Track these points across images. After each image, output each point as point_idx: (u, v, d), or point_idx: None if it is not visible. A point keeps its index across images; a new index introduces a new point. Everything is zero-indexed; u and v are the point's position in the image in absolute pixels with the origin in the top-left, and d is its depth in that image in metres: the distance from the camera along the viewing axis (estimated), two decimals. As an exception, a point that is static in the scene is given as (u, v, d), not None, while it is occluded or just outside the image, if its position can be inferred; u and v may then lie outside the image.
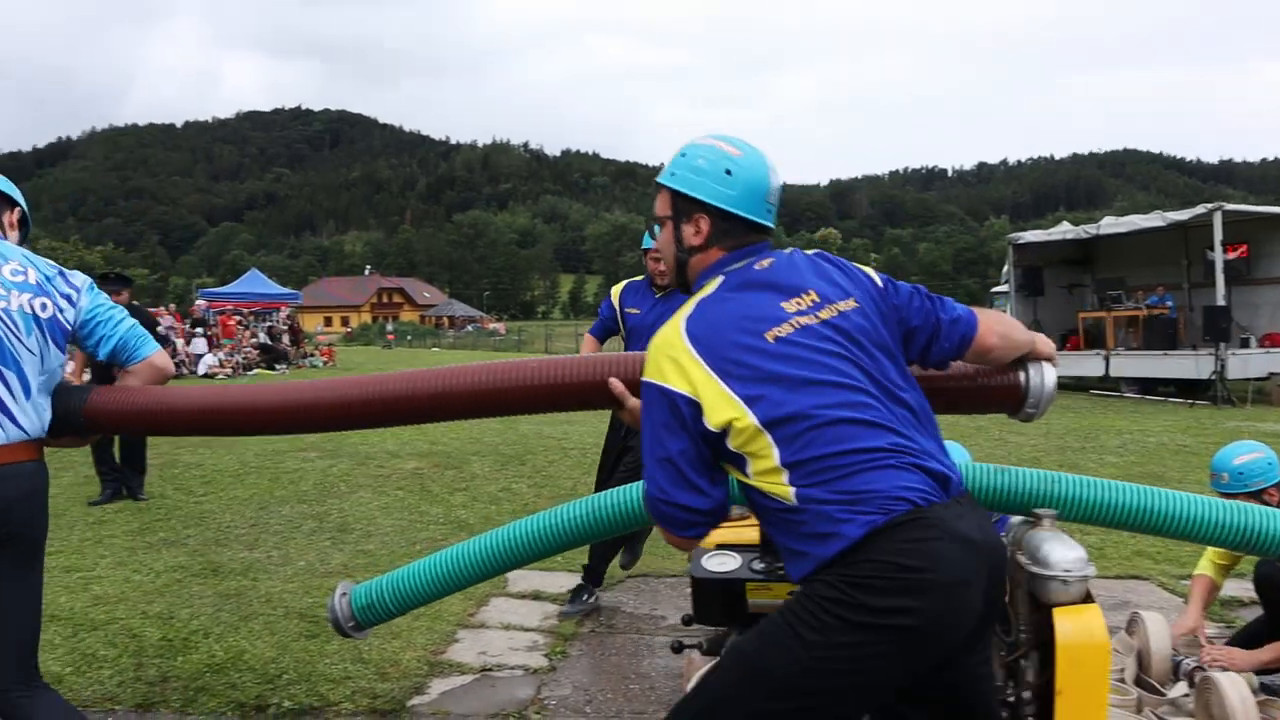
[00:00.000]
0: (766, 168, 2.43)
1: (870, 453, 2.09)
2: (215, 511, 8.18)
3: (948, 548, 2.03)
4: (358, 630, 3.29)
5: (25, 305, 2.86)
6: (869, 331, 2.28)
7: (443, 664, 4.75)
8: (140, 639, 5.00)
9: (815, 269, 2.38)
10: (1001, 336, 2.48)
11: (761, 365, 2.18)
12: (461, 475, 9.79)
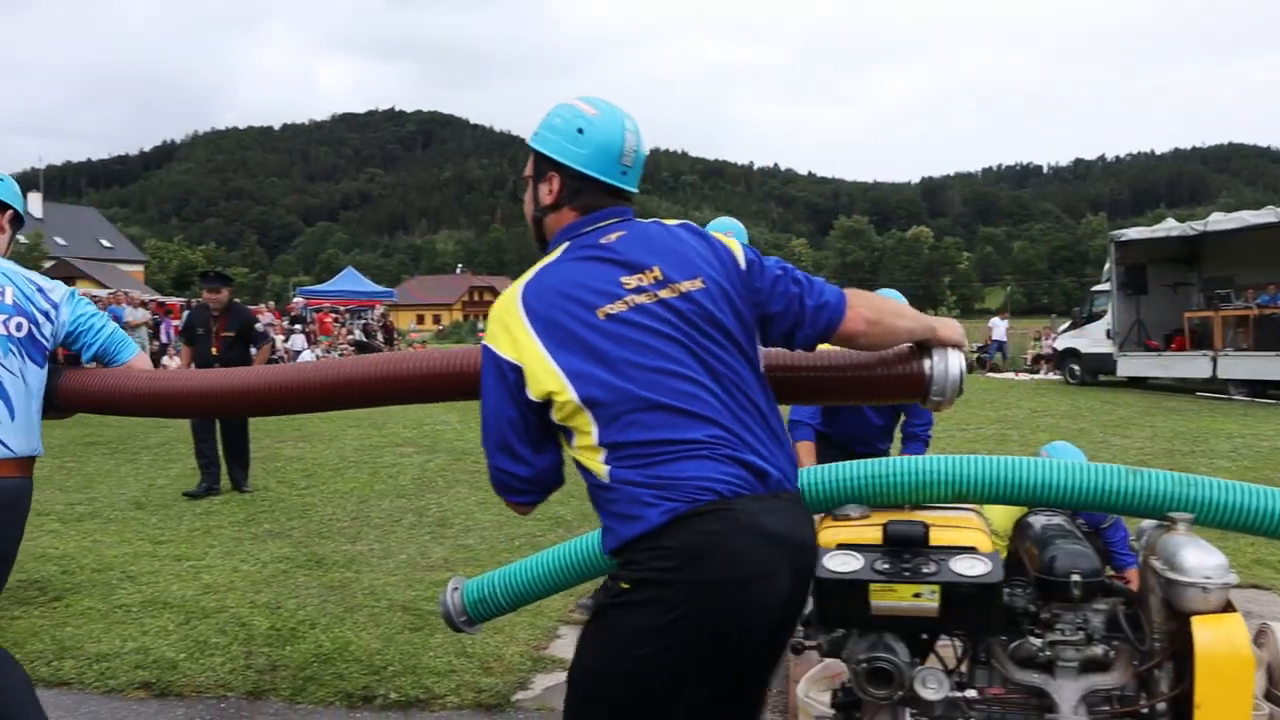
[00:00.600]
0: (623, 129, 2.35)
1: (685, 443, 2.07)
2: (317, 504, 8.32)
3: (745, 541, 2.03)
4: (470, 625, 3.29)
5: (2, 327, 2.91)
6: (711, 314, 2.21)
7: (545, 660, 4.74)
8: (249, 628, 5.08)
9: (668, 244, 2.29)
10: (872, 323, 2.37)
11: (589, 341, 2.14)
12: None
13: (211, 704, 4.25)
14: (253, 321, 9.33)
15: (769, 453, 2.16)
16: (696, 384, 2.13)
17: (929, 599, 2.58)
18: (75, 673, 4.56)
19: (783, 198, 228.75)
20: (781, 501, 2.14)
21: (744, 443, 2.12)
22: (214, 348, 8.79)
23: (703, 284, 2.22)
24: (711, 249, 2.31)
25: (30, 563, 6.41)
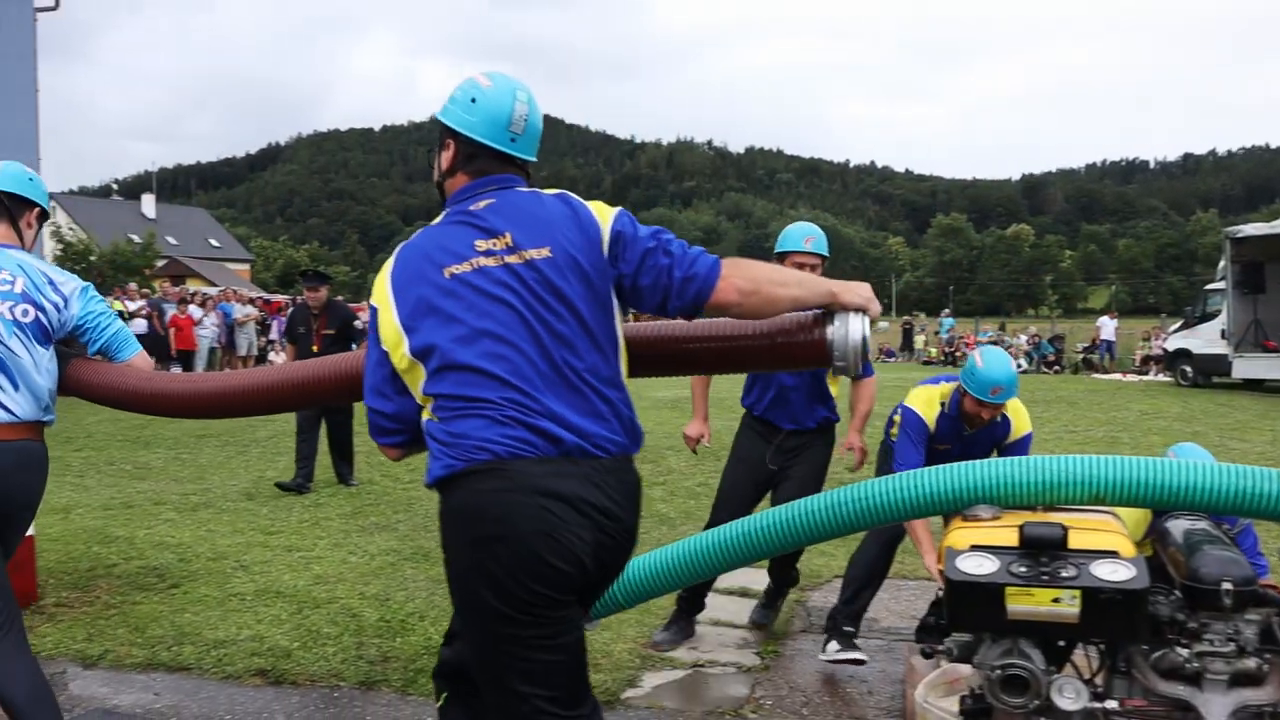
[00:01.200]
0: (513, 99, 2.45)
1: (477, 402, 2.19)
2: (421, 498, 8.39)
3: (522, 499, 2.14)
4: (586, 620, 3.25)
5: (5, 312, 3.24)
6: (551, 282, 2.28)
7: (653, 658, 4.70)
8: (360, 619, 5.13)
9: (530, 212, 2.37)
10: (746, 293, 2.35)
11: (428, 298, 2.30)
12: (658, 469, 9.79)
13: (325, 693, 4.29)
14: (352, 319, 9.40)
15: (575, 420, 2.22)
16: (512, 347, 2.23)
17: (1069, 605, 2.47)
18: (194, 658, 4.65)
19: (879, 195, 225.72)
20: (578, 466, 2.20)
21: (541, 408, 2.20)
22: (315, 345, 8.88)
23: (550, 253, 2.31)
24: (575, 220, 2.37)
25: (149, 550, 6.59)
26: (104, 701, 4.25)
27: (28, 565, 5.55)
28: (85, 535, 6.98)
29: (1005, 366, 4.26)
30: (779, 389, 4.87)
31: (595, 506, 2.21)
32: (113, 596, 5.63)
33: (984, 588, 2.50)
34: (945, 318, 38.34)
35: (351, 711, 4.12)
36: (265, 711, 4.12)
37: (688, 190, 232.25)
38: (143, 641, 4.88)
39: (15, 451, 3.23)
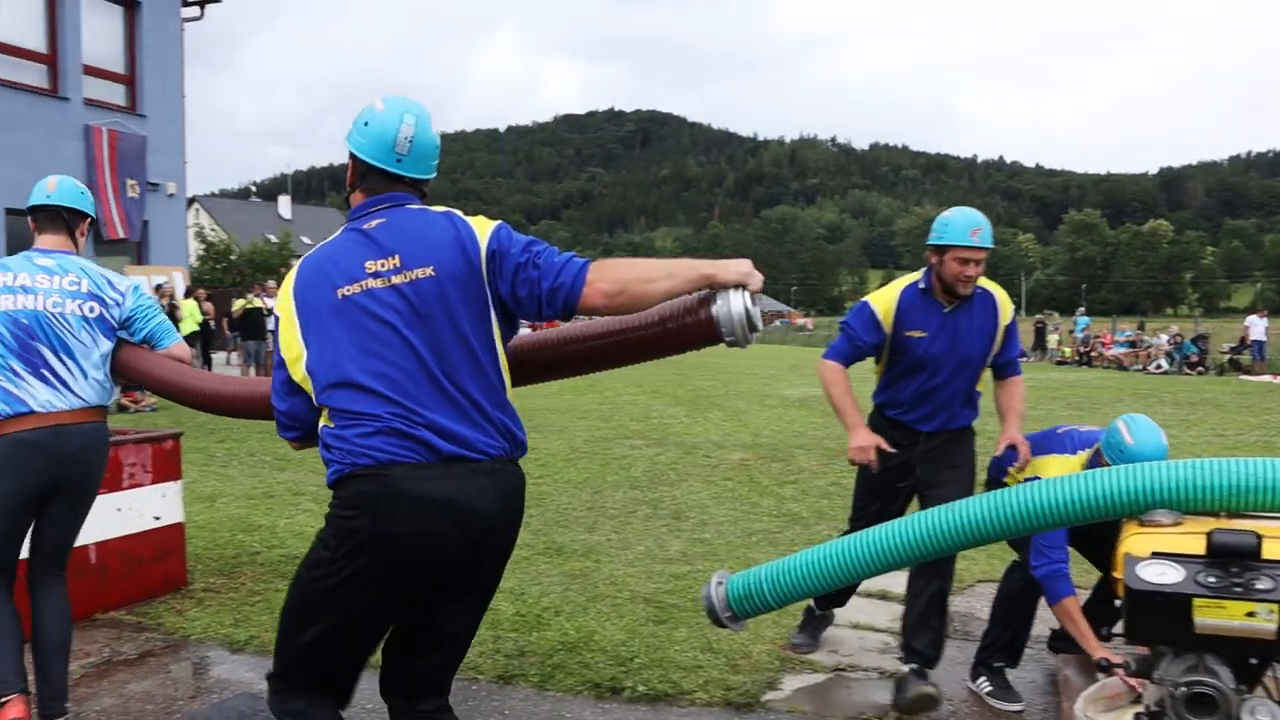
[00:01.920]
0: (400, 121, 2.61)
1: (364, 416, 2.40)
2: (552, 493, 8.42)
3: (398, 502, 2.36)
4: (734, 621, 3.15)
5: (76, 309, 3.75)
6: (438, 301, 2.46)
7: (793, 660, 4.59)
8: (496, 612, 5.12)
9: (417, 232, 2.54)
10: (613, 295, 2.46)
11: (322, 317, 2.50)
12: (788, 468, 9.65)
13: (463, 685, 4.28)
14: None
15: (453, 428, 2.42)
16: (394, 366, 2.42)
17: (1266, 619, 2.29)
18: (335, 648, 4.70)
19: (1008, 191, 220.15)
20: (453, 469, 2.40)
21: (423, 419, 2.40)
22: None
23: (433, 272, 2.48)
24: (457, 239, 2.53)
25: (290, 539, 6.73)
26: (250, 686, 4.32)
27: (177, 551, 5.72)
28: (230, 523, 7.17)
29: (1157, 439, 3.77)
30: (924, 389, 4.28)
31: (466, 507, 2.41)
32: (256, 583, 5.76)
33: (1168, 598, 2.33)
34: (1080, 316, 37.10)
35: (489, 704, 4.11)
36: (406, 702, 4.13)
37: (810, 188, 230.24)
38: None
39: (86, 434, 3.72)
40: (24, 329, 3.67)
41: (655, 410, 15.05)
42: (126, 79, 20.69)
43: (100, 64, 20.05)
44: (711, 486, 8.72)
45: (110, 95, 20.31)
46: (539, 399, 16.80)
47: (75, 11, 19.34)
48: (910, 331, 4.21)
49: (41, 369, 3.66)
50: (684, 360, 30.35)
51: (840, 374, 4.33)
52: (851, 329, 4.34)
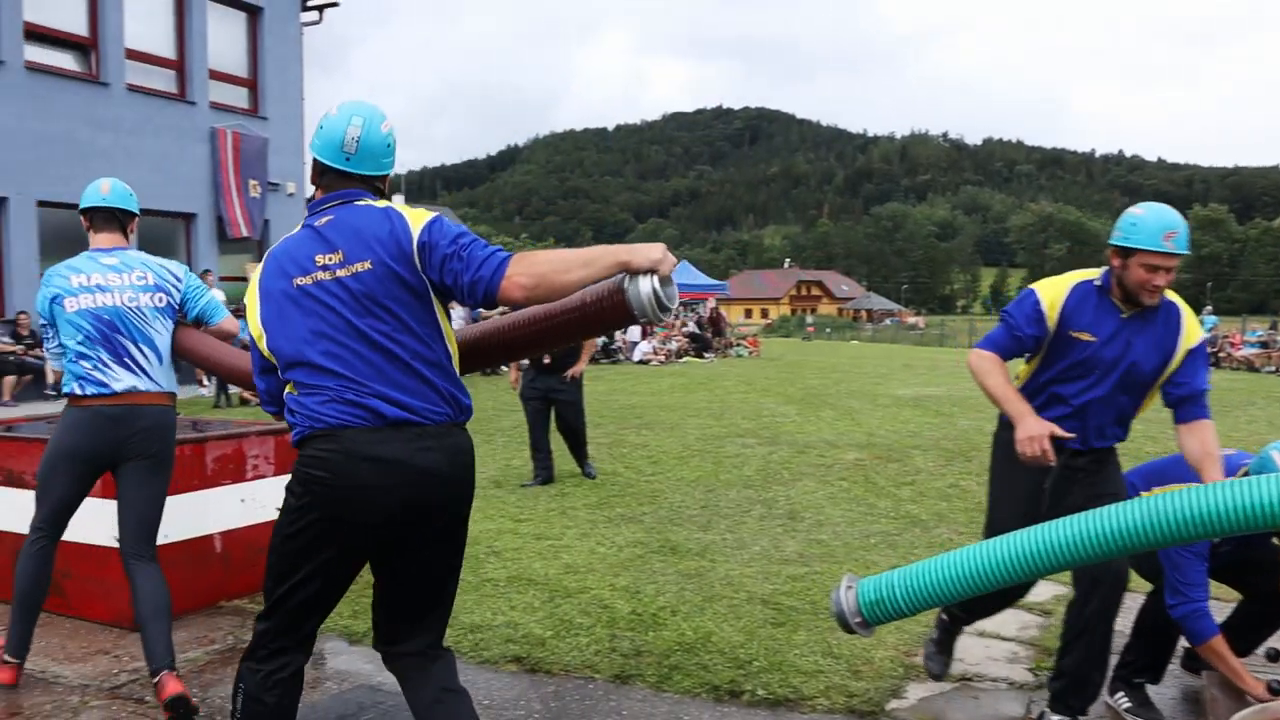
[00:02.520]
0: (347, 123, 2.88)
1: (319, 388, 2.72)
2: (665, 491, 8.35)
3: (345, 459, 2.66)
4: (864, 628, 3.02)
5: (150, 301, 4.18)
6: (375, 291, 2.73)
7: (918, 667, 4.42)
8: (611, 610, 5.08)
9: (358, 228, 2.79)
10: (530, 287, 2.65)
11: (281, 303, 2.81)
12: (905, 469, 9.42)
13: (579, 684, 4.24)
14: None
15: (399, 396, 2.70)
16: (344, 347, 2.72)
17: None
18: (452, 641, 4.68)
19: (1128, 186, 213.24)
20: (400, 433, 2.69)
21: (371, 390, 2.70)
22: None
23: (371, 265, 2.75)
24: (392, 233, 2.77)
25: (406, 533, 6.77)
26: (369, 679, 4.33)
27: (298, 543, 5.79)
28: (348, 516, 7.25)
29: None
30: (1081, 400, 3.76)
31: (413, 466, 2.69)
32: (371, 575, 5.79)
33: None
34: (1207, 315, 35.70)
35: (606, 705, 4.04)
36: (522, 699, 4.10)
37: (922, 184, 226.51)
38: (403, 622, 4.98)
39: (157, 414, 4.15)
40: (106, 324, 4.10)
41: (766, 408, 14.88)
42: (249, 83, 21.26)
43: (224, 69, 20.65)
44: (826, 486, 8.55)
45: (234, 99, 20.90)
46: (649, 396, 16.79)
47: (202, 19, 19.94)
48: (1078, 332, 3.72)
49: (125, 358, 4.12)
50: (792, 360, 30.08)
51: (995, 361, 3.76)
52: (1012, 319, 3.82)
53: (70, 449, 4.10)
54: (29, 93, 17.11)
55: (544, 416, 8.89)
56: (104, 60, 18.30)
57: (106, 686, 4.27)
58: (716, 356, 29.55)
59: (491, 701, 4.07)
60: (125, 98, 18.54)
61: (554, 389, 8.81)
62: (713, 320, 33.92)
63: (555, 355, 8.73)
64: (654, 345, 27.18)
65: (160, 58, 19.46)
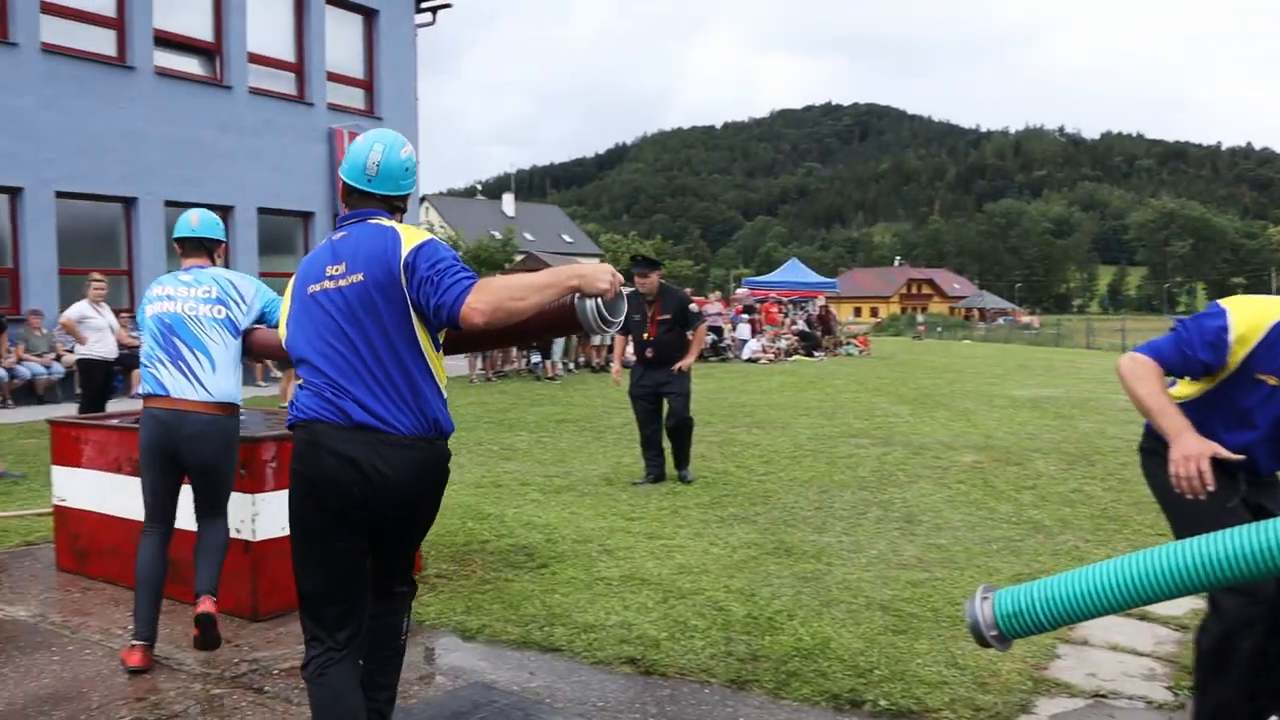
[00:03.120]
0: (369, 148, 3.21)
1: (311, 384, 3.07)
2: (778, 491, 8.21)
3: (314, 450, 3.00)
4: (1000, 641, 2.87)
5: (209, 311, 4.58)
6: (365, 302, 3.03)
7: (1047, 682, 4.22)
8: (727, 613, 4.98)
9: (361, 245, 3.10)
10: (487, 313, 2.87)
11: (298, 306, 3.19)
12: (1025, 472, 9.11)
13: (695, 688, 4.15)
14: (687, 302, 9.04)
15: (371, 404, 2.99)
16: (335, 350, 3.05)
17: None
18: (565, 640, 4.66)
19: (1257, 180, 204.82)
20: (364, 436, 2.97)
21: (345, 391, 3.01)
22: (648, 333, 8.66)
23: (363, 279, 3.05)
24: (385, 253, 3.05)
25: (519, 529, 6.78)
26: (483, 675, 4.31)
27: (413, 537, 5.82)
28: (460, 511, 7.29)
29: None
30: (1244, 446, 3.24)
31: (370, 468, 2.96)
32: (487, 572, 5.81)
33: None
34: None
35: (722, 711, 3.95)
36: (637, 702, 4.03)
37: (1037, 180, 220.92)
38: (516, 619, 4.96)
39: (205, 422, 4.44)
40: (167, 326, 4.56)
41: (879, 408, 14.60)
42: (365, 84, 21.68)
43: (341, 70, 21.08)
44: (944, 489, 8.32)
45: (350, 100, 21.34)
46: (758, 395, 16.63)
47: (320, 22, 20.39)
48: (1265, 375, 3.17)
49: (178, 360, 4.50)
50: (904, 359, 29.54)
51: (1151, 369, 3.25)
52: (1186, 334, 3.26)
53: (142, 446, 4.57)
54: (158, 97, 17.71)
55: (654, 413, 8.80)
56: (228, 64, 18.85)
57: (228, 675, 4.33)
58: (826, 355, 29.18)
59: (606, 703, 4.01)
60: (247, 100, 19.07)
61: (663, 383, 8.69)
62: (822, 318, 33.49)
63: (661, 350, 8.64)
64: (763, 343, 26.95)
65: (281, 61, 19.96)
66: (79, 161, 16.59)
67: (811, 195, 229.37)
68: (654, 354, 8.66)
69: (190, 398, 4.43)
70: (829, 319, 33.93)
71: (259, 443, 5.05)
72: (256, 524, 5.04)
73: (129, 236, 17.64)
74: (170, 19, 18.01)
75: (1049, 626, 2.81)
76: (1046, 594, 2.76)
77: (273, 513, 5.05)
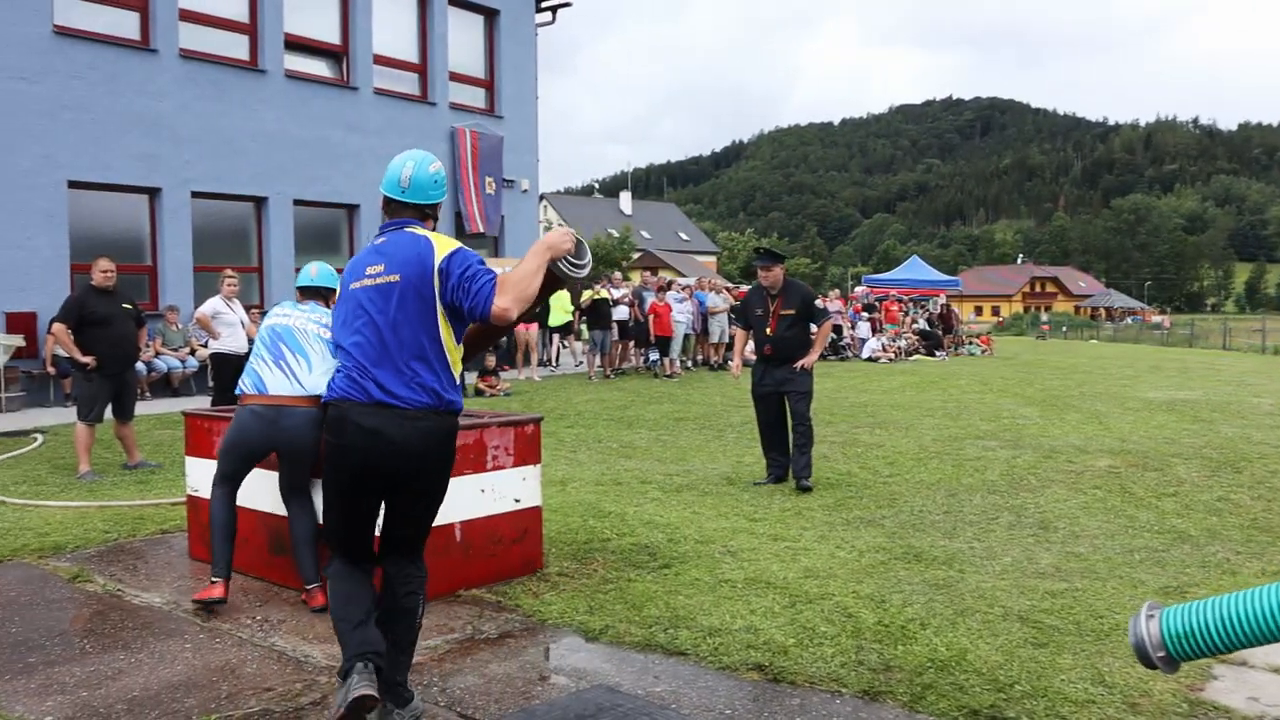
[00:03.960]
0: (403, 165, 3.83)
1: (341, 367, 3.71)
2: (904, 494, 7.99)
3: (341, 423, 3.62)
4: (1168, 664, 2.66)
5: (318, 330, 5.33)
6: (398, 300, 3.61)
7: (1205, 705, 3.95)
8: (856, 620, 4.82)
9: (398, 250, 3.69)
10: (513, 308, 3.55)
11: (344, 300, 3.78)
12: (1165, 479, 8.69)
13: (825, 698, 4.00)
14: (812, 298, 8.71)
15: (390, 385, 3.58)
16: (365, 339, 3.64)
17: None
18: (690, 644, 4.56)
19: None
20: (384, 411, 3.56)
21: (369, 373, 3.60)
22: (770, 328, 8.40)
23: (398, 279, 3.62)
24: (420, 258, 3.64)
25: (640, 528, 6.71)
26: (607, 678, 4.24)
27: (535, 534, 5.80)
28: (581, 509, 7.26)
29: None
30: None
31: (387, 437, 3.55)
32: (609, 571, 5.74)
33: None
34: None
35: (856, 723, 3.80)
36: (765, 710, 3.90)
37: (1168, 174, 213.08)
38: (639, 620, 4.88)
39: (300, 414, 5.14)
40: (277, 334, 5.35)
41: (1005, 409, 14.16)
42: (486, 83, 21.92)
43: (463, 70, 21.34)
44: (1078, 495, 7.98)
45: (472, 99, 21.58)
46: (880, 395, 16.31)
47: (443, 23, 20.69)
48: None
49: (280, 361, 5.25)
50: (1028, 359, 28.68)
51: None
52: None
53: (231, 442, 5.31)
54: (287, 99, 18.18)
55: (776, 413, 8.56)
56: (354, 66, 19.25)
57: (355, 670, 4.33)
58: (948, 355, 28.52)
59: (733, 711, 3.90)
60: (372, 101, 19.44)
61: (784, 381, 8.42)
62: (943, 317, 32.76)
63: (781, 347, 8.40)
64: (883, 342, 26.46)
65: (405, 62, 20.30)
66: (213, 162, 17.11)
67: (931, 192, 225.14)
68: (772, 350, 8.43)
69: (287, 393, 5.18)
70: (950, 318, 33.17)
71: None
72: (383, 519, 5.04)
73: (259, 234, 18.13)
74: (299, 23, 18.46)
75: (1223, 650, 2.59)
76: (1221, 614, 2.54)
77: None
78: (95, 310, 8.96)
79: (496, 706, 3.96)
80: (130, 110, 16.11)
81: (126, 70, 16.10)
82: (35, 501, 7.88)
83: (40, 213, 15.17)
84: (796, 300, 8.49)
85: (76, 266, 15.26)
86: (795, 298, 8.51)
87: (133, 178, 16.23)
